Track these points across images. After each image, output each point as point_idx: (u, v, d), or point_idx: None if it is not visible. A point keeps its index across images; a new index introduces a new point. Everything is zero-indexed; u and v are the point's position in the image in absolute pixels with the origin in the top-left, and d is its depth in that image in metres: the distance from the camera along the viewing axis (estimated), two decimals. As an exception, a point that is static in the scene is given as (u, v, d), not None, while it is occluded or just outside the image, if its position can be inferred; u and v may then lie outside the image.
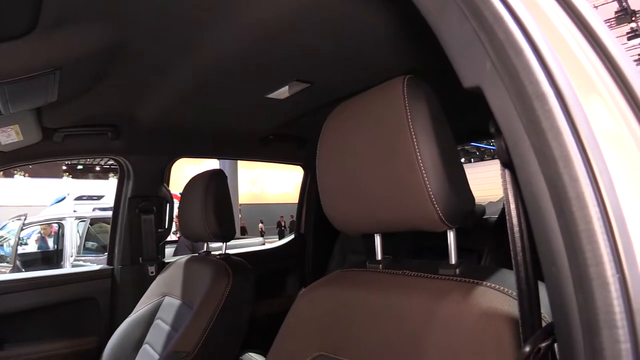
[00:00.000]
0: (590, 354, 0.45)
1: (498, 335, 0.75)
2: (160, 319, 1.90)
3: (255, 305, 1.80)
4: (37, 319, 2.23)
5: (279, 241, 3.15)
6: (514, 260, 0.63)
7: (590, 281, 0.44)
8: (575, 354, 0.47)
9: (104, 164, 22.41)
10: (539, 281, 0.62)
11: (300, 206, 3.13)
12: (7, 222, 8.11)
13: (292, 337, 1.15)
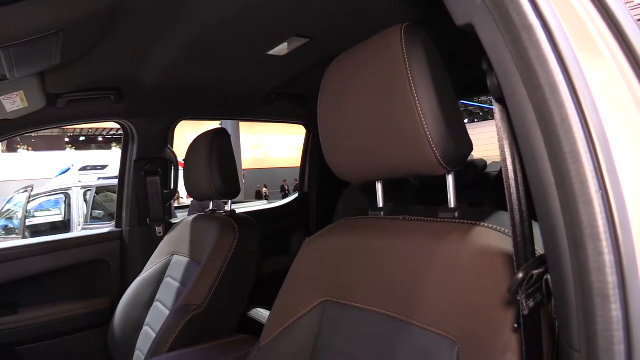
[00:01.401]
0: (577, 268, 0.47)
1: (494, 270, 0.78)
2: (170, 277, 1.95)
3: (261, 262, 1.85)
4: (50, 282, 2.28)
5: (283, 200, 3.18)
6: (508, 197, 0.66)
7: (575, 199, 0.47)
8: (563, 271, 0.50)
9: (107, 135, 22.39)
10: (533, 221, 0.64)
11: (303, 165, 3.14)
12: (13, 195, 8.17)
13: (297, 285, 1.19)
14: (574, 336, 0.50)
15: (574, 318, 0.49)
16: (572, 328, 0.50)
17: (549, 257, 0.55)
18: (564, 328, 0.53)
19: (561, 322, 0.55)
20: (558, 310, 0.56)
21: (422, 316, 0.89)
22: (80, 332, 2.32)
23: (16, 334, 2.19)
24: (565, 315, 0.51)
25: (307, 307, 1.14)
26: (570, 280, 0.49)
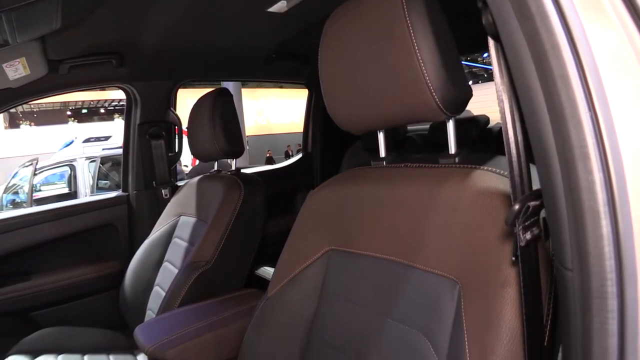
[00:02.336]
0: (568, 188, 0.49)
1: (493, 209, 0.80)
2: (178, 237, 1.99)
3: (266, 222, 1.88)
4: (61, 248, 2.33)
5: (287, 161, 3.19)
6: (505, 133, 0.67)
7: (565, 121, 0.48)
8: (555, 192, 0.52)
9: (109, 106, 22.32)
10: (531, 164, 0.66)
11: (307, 125, 3.14)
12: (18, 169, 8.17)
13: (303, 235, 1.22)
14: (566, 255, 0.52)
15: (566, 237, 0.51)
16: (565, 247, 0.52)
17: (542, 181, 0.57)
18: (557, 249, 0.55)
19: (555, 244, 0.57)
20: (551, 232, 0.58)
21: (424, 259, 0.91)
22: (92, 295, 2.38)
23: (30, 300, 2.24)
24: (558, 236, 0.53)
25: (313, 256, 1.17)
26: (562, 200, 0.50)
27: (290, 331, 1.17)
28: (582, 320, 0.50)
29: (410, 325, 0.91)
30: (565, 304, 0.55)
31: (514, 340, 0.73)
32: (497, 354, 0.73)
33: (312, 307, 1.16)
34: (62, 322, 2.21)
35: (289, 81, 3.01)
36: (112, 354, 1.92)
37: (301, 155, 3.17)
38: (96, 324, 2.23)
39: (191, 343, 1.29)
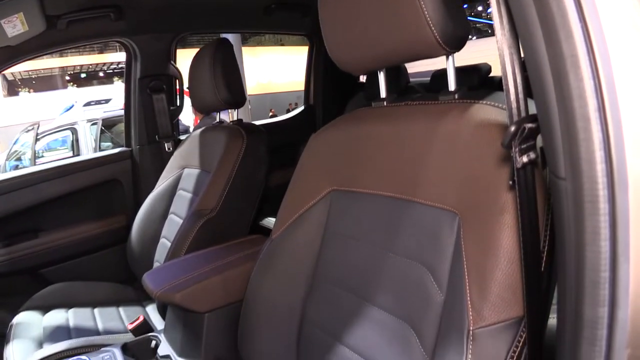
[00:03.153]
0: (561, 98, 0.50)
1: (492, 140, 0.81)
2: (182, 189, 2.01)
3: (269, 175, 1.89)
4: (67, 205, 2.35)
5: (289, 113, 3.19)
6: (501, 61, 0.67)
7: (556, 31, 0.49)
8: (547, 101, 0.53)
9: (107, 70, 22.15)
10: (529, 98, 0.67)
11: (308, 78, 3.12)
12: (19, 135, 8.13)
13: (304, 177, 1.23)
14: (559, 164, 0.53)
15: (559, 146, 0.52)
16: (558, 157, 0.53)
17: (536, 93, 0.58)
18: (551, 159, 0.56)
19: (548, 155, 0.58)
20: (545, 144, 0.59)
21: (424, 193, 0.93)
22: (100, 250, 2.42)
23: (39, 257, 2.29)
24: (552, 145, 0.55)
25: (315, 197, 1.18)
26: (554, 109, 0.51)
27: (295, 271, 1.20)
28: (575, 228, 0.51)
29: (411, 258, 0.94)
30: (559, 216, 0.56)
31: (511, 265, 0.75)
32: (496, 278, 0.76)
33: (316, 247, 1.18)
34: (72, 277, 2.26)
35: (290, 32, 2.99)
36: (122, 306, 1.97)
37: (303, 108, 3.16)
38: (105, 278, 2.28)
39: (198, 286, 1.32)
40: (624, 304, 0.49)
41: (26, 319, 1.87)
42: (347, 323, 1.06)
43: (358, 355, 1.02)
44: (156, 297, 1.34)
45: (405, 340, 0.92)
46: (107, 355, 1.41)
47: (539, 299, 0.72)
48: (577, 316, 0.51)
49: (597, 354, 0.50)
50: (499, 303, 0.75)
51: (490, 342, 0.75)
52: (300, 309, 1.19)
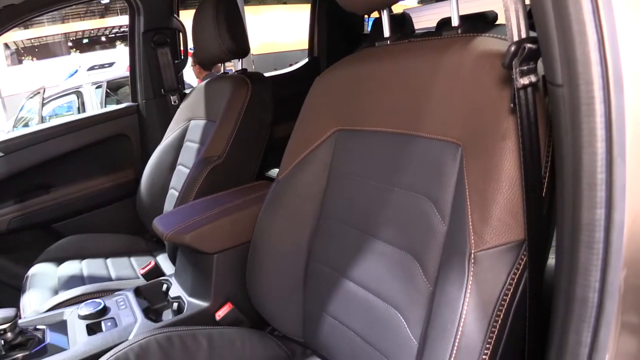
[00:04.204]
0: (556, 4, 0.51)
1: (494, 69, 0.83)
2: (189, 141, 2.03)
3: (274, 127, 1.90)
4: (76, 161, 2.39)
5: (294, 65, 3.17)
6: None
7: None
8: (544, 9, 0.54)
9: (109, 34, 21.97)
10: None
11: (312, 29, 3.08)
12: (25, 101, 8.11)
13: (309, 119, 1.25)
14: (557, 72, 0.54)
15: (556, 54, 0.53)
16: (555, 63, 0.54)
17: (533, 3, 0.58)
18: (548, 67, 0.57)
19: (546, 63, 0.59)
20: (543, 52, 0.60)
21: (427, 127, 0.94)
22: (110, 204, 2.47)
23: (51, 212, 2.34)
24: (549, 52, 0.56)
25: (320, 138, 1.20)
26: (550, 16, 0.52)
27: (301, 210, 1.22)
28: (572, 133, 0.53)
29: (415, 191, 0.96)
30: (557, 125, 0.58)
31: (513, 188, 0.77)
32: (497, 202, 0.77)
33: (321, 186, 1.20)
34: (84, 231, 2.31)
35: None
36: (133, 256, 2.01)
37: (307, 60, 3.14)
38: (116, 230, 2.33)
39: (207, 227, 1.35)
40: (620, 205, 0.50)
41: (41, 270, 1.92)
42: (352, 258, 1.09)
43: (363, 288, 1.05)
44: (166, 239, 1.37)
45: (408, 270, 0.94)
46: (120, 298, 1.46)
47: (540, 224, 0.73)
48: (575, 221, 0.53)
49: (594, 257, 0.52)
50: (500, 227, 0.77)
51: (491, 264, 0.77)
52: (306, 247, 1.22)
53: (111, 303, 1.45)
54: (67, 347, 1.28)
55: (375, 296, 1.02)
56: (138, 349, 1.15)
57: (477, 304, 0.76)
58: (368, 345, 1.03)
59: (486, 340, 0.75)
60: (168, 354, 1.17)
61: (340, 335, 1.12)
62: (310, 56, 3.13)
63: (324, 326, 1.16)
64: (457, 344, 0.77)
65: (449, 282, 0.81)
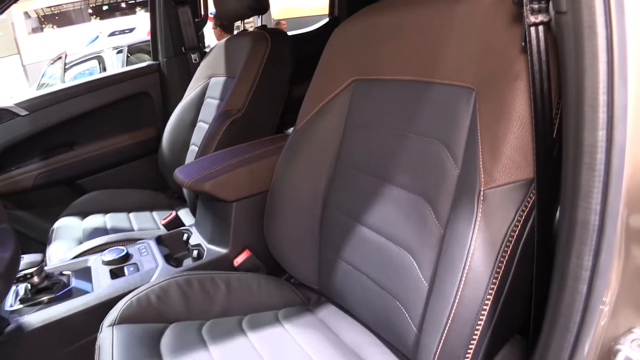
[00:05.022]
0: None
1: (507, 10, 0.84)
2: (210, 97, 2.05)
3: (292, 87, 1.92)
4: (99, 119, 2.44)
5: (313, 25, 3.16)
6: None
7: None
8: None
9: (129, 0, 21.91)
10: None
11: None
12: (46, 68, 8.15)
13: (327, 69, 1.27)
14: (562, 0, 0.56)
15: None
16: None
17: None
18: None
19: None
20: None
21: (443, 73, 0.96)
22: (132, 161, 2.52)
23: (74, 168, 2.40)
24: None
25: (338, 88, 1.22)
26: None
27: (318, 159, 1.25)
28: (575, 57, 0.54)
29: (429, 136, 0.98)
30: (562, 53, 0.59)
31: (523, 128, 0.78)
32: (507, 141, 0.79)
33: (338, 135, 1.23)
34: (107, 187, 2.38)
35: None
36: (155, 211, 2.06)
37: (327, 20, 3.12)
38: (138, 186, 2.39)
39: (226, 176, 1.38)
40: (621, 125, 0.52)
41: (66, 223, 1.98)
42: (366, 204, 1.11)
43: (377, 233, 1.08)
44: (187, 187, 1.41)
45: (420, 214, 0.97)
46: (142, 246, 1.51)
47: (549, 163, 0.75)
48: (578, 143, 0.55)
49: (596, 180, 0.54)
50: (509, 165, 0.79)
51: (500, 201, 0.79)
52: (322, 195, 1.25)
53: (134, 250, 1.50)
54: (91, 290, 1.34)
55: (388, 240, 1.05)
56: (159, 290, 1.20)
57: (485, 240, 0.78)
58: (380, 289, 1.06)
59: (493, 275, 0.78)
60: (187, 295, 1.22)
61: (354, 281, 1.15)
62: (330, 15, 3.11)
63: (339, 272, 1.20)
64: (465, 278, 0.79)
65: (459, 220, 0.84)
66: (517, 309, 0.86)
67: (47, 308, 1.27)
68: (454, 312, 0.81)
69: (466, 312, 0.80)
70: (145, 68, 2.54)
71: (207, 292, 1.25)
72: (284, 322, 1.21)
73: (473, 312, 0.79)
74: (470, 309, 0.79)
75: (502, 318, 0.81)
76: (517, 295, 0.82)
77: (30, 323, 1.23)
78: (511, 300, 0.81)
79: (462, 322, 0.80)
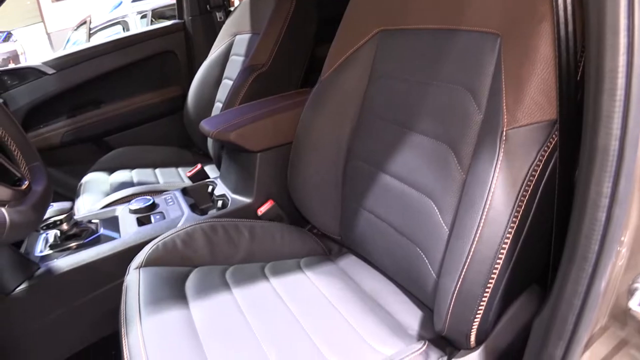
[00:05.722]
0: None
1: None
2: (235, 55, 2.07)
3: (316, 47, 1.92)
4: (125, 77, 2.47)
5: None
6: None
7: None
8: None
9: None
10: None
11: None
12: (71, 34, 8.18)
13: (353, 20, 1.27)
14: None
15: None
16: None
17: None
18: None
19: None
20: None
21: (468, 19, 0.96)
22: (158, 119, 2.55)
23: (101, 125, 2.45)
24: None
25: (363, 39, 1.23)
26: None
27: (342, 109, 1.26)
28: None
29: (453, 83, 0.98)
30: None
31: (547, 69, 0.79)
32: (531, 82, 0.80)
33: (363, 86, 1.23)
34: (133, 144, 2.42)
35: None
36: (180, 167, 2.10)
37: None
38: (164, 144, 2.43)
39: (251, 126, 1.40)
40: None
41: (93, 178, 2.03)
42: (389, 152, 1.13)
43: (399, 180, 1.10)
44: (212, 137, 1.43)
45: (443, 160, 0.98)
46: (169, 197, 1.54)
47: (573, 105, 0.75)
48: (599, 69, 0.55)
49: (617, 104, 0.54)
50: (532, 106, 0.79)
51: (522, 141, 0.80)
52: (346, 145, 1.27)
53: (160, 200, 1.54)
54: (118, 237, 1.38)
55: (410, 187, 1.06)
56: (184, 235, 1.23)
57: (506, 179, 0.79)
58: (401, 236, 1.08)
59: (513, 214, 0.79)
60: (212, 241, 1.25)
61: (375, 230, 1.17)
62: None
63: (361, 222, 1.22)
64: (485, 217, 0.81)
65: (481, 161, 0.85)
66: (536, 253, 0.87)
67: (76, 253, 1.32)
68: (473, 250, 0.82)
69: (485, 250, 0.81)
70: (171, 27, 2.55)
71: (231, 239, 1.28)
72: (305, 269, 1.24)
73: (492, 250, 0.80)
74: (489, 247, 0.81)
75: (521, 259, 0.82)
76: (536, 238, 0.83)
77: (59, 267, 1.27)
78: (530, 241, 0.82)
79: (481, 260, 0.82)
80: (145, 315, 1.00)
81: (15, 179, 1.07)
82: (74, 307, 1.31)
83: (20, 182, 1.07)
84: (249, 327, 1.00)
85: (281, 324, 1.02)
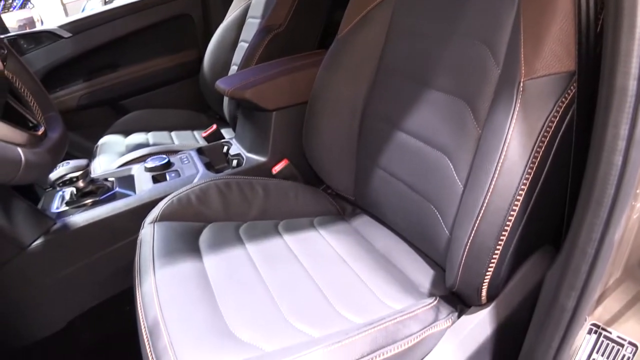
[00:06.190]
0: None
1: None
2: (251, 17, 2.05)
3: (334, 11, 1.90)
4: (141, 40, 2.46)
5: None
6: None
7: None
8: None
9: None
10: None
11: None
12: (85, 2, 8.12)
13: None
14: None
15: None
16: None
17: None
18: None
19: None
20: None
21: None
22: (174, 82, 2.55)
23: (117, 89, 2.45)
24: None
25: None
26: None
27: (359, 67, 1.25)
28: None
29: (471, 37, 0.97)
30: None
31: (566, 19, 0.77)
32: (550, 32, 0.78)
33: (380, 43, 1.22)
34: (149, 107, 2.42)
35: None
36: (196, 130, 2.10)
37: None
38: (180, 107, 2.43)
39: (267, 84, 1.40)
40: None
41: (110, 140, 2.04)
42: (405, 109, 1.12)
43: (414, 137, 1.09)
44: (228, 95, 1.43)
45: (459, 116, 0.97)
46: (184, 156, 1.55)
47: (592, 58, 0.74)
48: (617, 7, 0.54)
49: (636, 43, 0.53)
50: (550, 57, 0.78)
51: (539, 92, 0.78)
52: (362, 103, 1.26)
53: (175, 159, 1.55)
54: (134, 194, 1.39)
55: (426, 144, 1.05)
56: (198, 191, 1.24)
57: (522, 130, 0.78)
58: (415, 194, 1.08)
59: (528, 165, 0.78)
60: (226, 197, 1.25)
61: (389, 188, 1.17)
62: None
63: (375, 181, 1.22)
64: (500, 167, 0.80)
65: (497, 112, 0.84)
66: (550, 210, 0.87)
67: (91, 209, 1.33)
68: (487, 201, 0.81)
69: (499, 201, 0.80)
70: None
71: (245, 196, 1.28)
72: (318, 227, 1.24)
73: (506, 201, 0.80)
74: (503, 198, 0.80)
75: (535, 213, 0.81)
76: (551, 192, 0.83)
77: (75, 222, 1.29)
78: (544, 196, 0.81)
79: (494, 210, 0.81)
80: (158, 267, 1.00)
81: (31, 125, 1.08)
82: (89, 263, 1.33)
83: (36, 128, 1.08)
84: (261, 279, 1.01)
85: (293, 277, 1.03)
